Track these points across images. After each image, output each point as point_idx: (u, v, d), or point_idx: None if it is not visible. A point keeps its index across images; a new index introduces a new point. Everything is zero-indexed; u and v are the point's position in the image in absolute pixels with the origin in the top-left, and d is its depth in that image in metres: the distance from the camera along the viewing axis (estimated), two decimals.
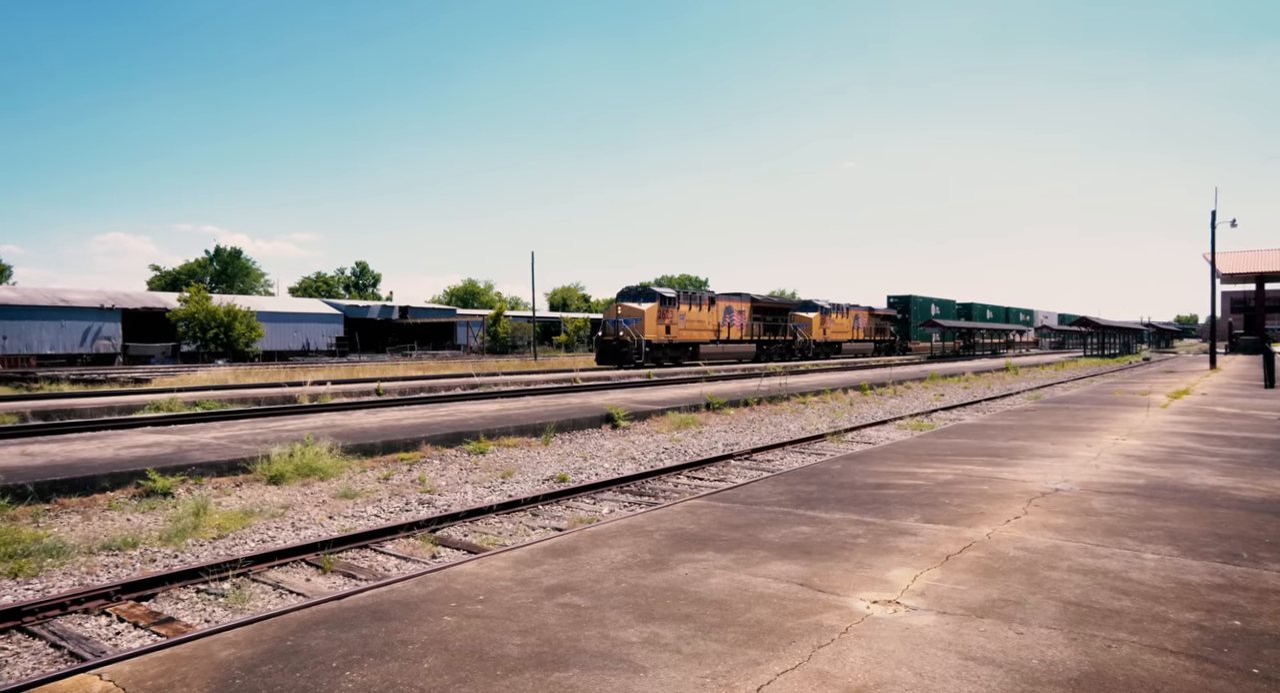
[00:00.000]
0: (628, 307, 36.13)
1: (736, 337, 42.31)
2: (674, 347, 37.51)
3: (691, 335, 38.57)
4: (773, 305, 45.97)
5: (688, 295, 38.62)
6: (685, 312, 38.16)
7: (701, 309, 39.47)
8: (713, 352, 39.97)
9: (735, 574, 4.35)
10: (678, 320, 37.48)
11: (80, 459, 9.24)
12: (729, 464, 11.00)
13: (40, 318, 43.72)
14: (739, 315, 42.69)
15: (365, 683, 3.00)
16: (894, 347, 59.29)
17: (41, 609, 5.00)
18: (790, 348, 46.92)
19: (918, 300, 63.57)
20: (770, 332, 45.12)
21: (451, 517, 7.51)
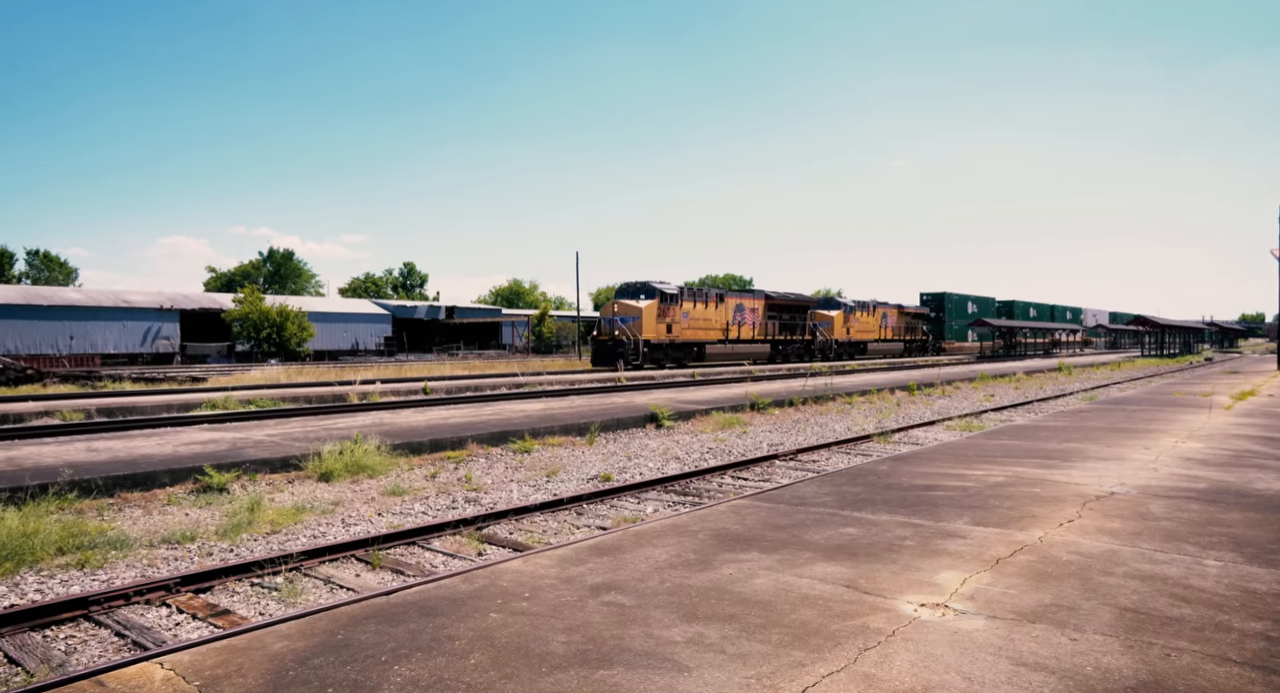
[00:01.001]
0: (624, 304, 33.56)
1: (748, 336, 39.52)
2: (676, 347, 34.96)
3: (696, 335, 35.84)
4: (790, 303, 43.19)
5: (693, 292, 35.97)
6: (689, 309, 35.41)
7: (708, 307, 36.68)
8: (720, 352, 37.26)
9: (780, 575, 4.32)
10: (680, 319, 34.73)
11: (141, 455, 9.55)
12: (774, 464, 10.92)
13: (104, 318, 45.31)
14: (751, 313, 39.95)
15: (413, 678, 3.04)
16: (926, 347, 56.26)
17: (107, 599, 5.18)
18: (809, 348, 44.17)
19: (953, 298, 60.55)
20: (787, 331, 42.48)
21: (497, 515, 7.59)
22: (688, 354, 35.69)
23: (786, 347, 42.48)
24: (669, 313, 34.22)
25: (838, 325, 46.05)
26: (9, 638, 4.68)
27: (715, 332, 37.01)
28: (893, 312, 52.52)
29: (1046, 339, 67.78)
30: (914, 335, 54.83)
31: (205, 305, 51.58)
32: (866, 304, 49.50)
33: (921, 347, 55.78)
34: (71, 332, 43.77)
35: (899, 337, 52.91)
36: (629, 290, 34.66)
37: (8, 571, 5.92)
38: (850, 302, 48.15)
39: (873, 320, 49.75)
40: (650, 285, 34.05)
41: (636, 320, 32.77)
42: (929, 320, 57.77)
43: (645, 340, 32.68)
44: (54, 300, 44.81)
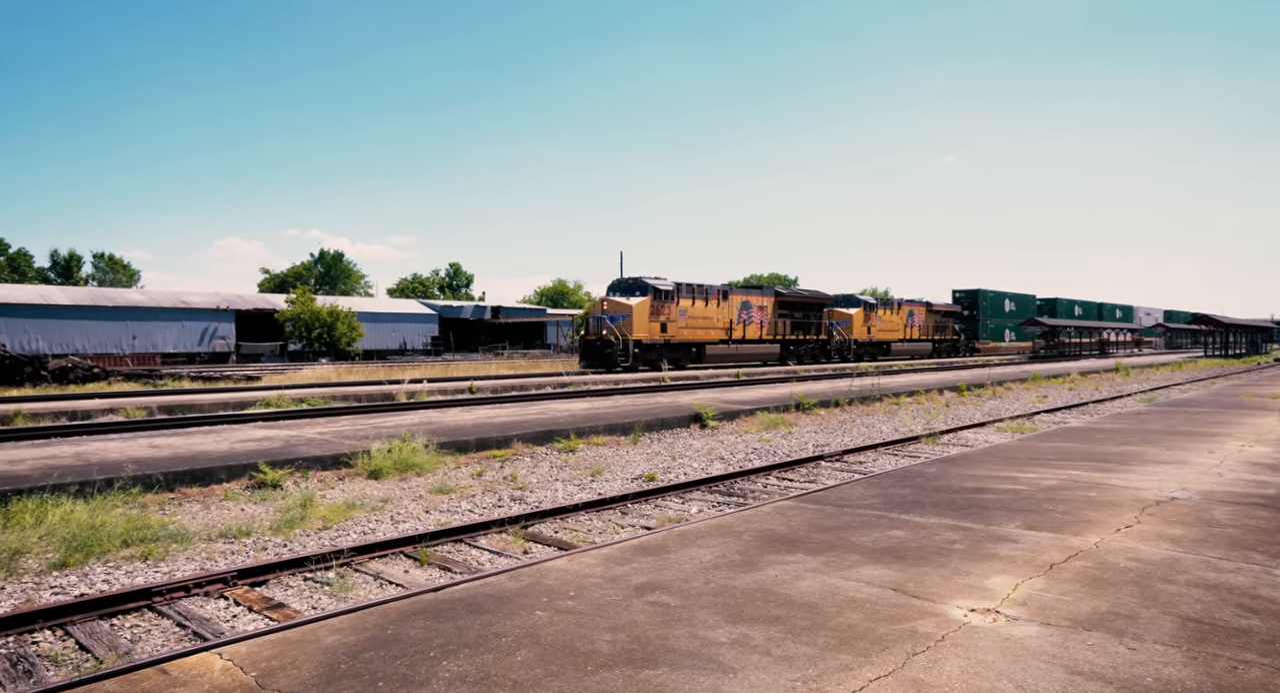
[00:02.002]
0: (613, 301, 31.23)
1: (754, 336, 36.77)
2: (672, 347, 32.48)
3: (695, 334, 33.34)
4: (802, 300, 40.56)
5: (691, 289, 33.45)
6: (687, 307, 32.92)
7: (709, 304, 34.11)
8: (722, 353, 34.65)
9: (826, 577, 4.28)
10: (676, 317, 32.30)
11: (199, 452, 9.84)
12: (819, 465, 10.82)
13: (164, 319, 46.82)
14: (759, 312, 37.12)
15: (461, 673, 3.09)
16: (958, 347, 52.89)
17: (168, 591, 5.35)
18: (824, 349, 41.39)
19: (988, 295, 57.06)
20: (799, 330, 39.60)
21: (542, 514, 7.66)
22: (685, 355, 33.43)
23: (799, 347, 39.87)
24: (663, 311, 31.88)
25: (857, 324, 43.30)
26: (80, 626, 4.87)
27: (717, 331, 34.61)
28: (920, 309, 49.59)
29: (1094, 339, 64.95)
30: (944, 335, 51.88)
31: (259, 306, 52.95)
32: (890, 301, 47.04)
33: (953, 347, 52.66)
34: (134, 332, 45.32)
35: (927, 336, 50.05)
36: (620, 287, 32.31)
37: (77, 561, 6.15)
38: (871, 299, 45.46)
39: (897, 319, 46.92)
40: (643, 281, 31.70)
41: (626, 319, 30.57)
42: (962, 319, 54.97)
43: (636, 340, 30.51)
44: (118, 302, 46.45)
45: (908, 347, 47.81)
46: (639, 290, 31.50)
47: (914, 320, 48.49)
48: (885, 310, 45.93)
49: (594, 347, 30.91)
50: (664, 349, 32.02)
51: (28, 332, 41.35)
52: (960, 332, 53.94)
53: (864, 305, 43.95)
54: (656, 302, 31.44)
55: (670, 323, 32.10)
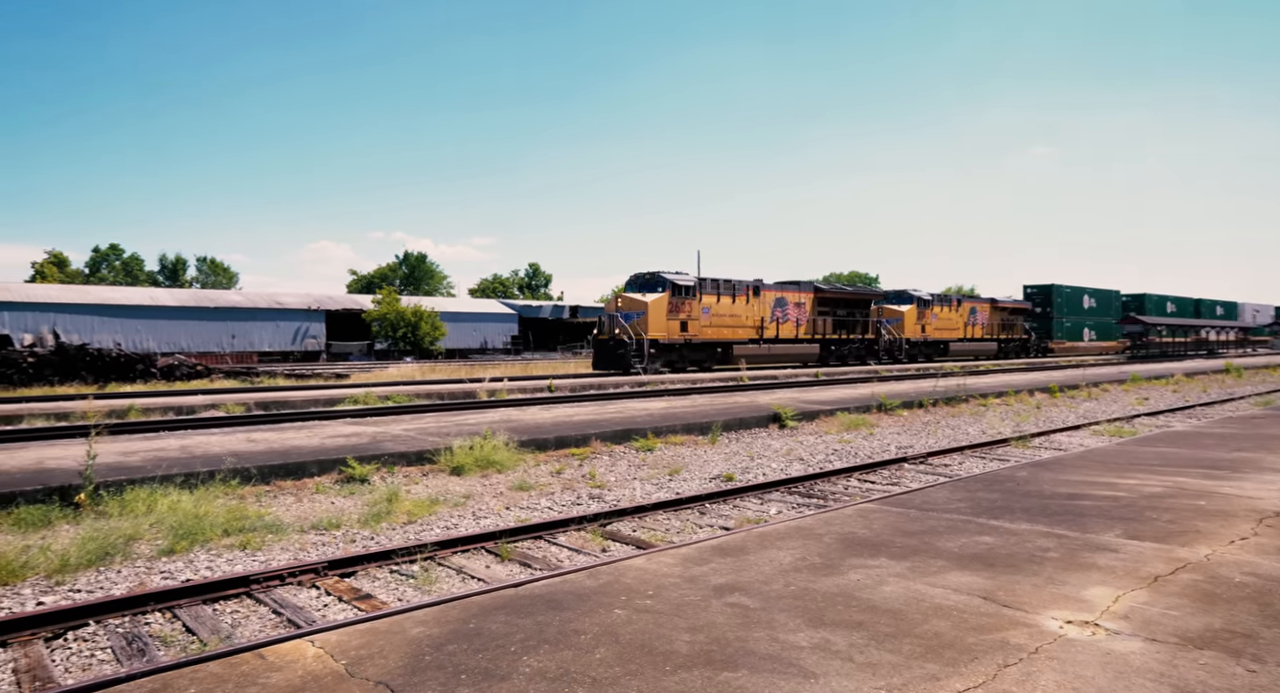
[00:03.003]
0: (628, 298, 28.89)
1: (789, 335, 33.95)
2: (693, 348, 30.11)
3: (720, 333, 30.79)
4: (846, 297, 37.69)
5: (716, 284, 30.87)
6: (711, 304, 30.41)
7: (736, 301, 31.52)
8: (752, 354, 31.63)
9: (910, 583, 4.16)
10: (699, 315, 29.82)
11: (292, 446, 10.25)
12: (902, 468, 10.55)
13: (260, 319, 49.06)
14: (795, 309, 34.30)
15: (541, 669, 3.12)
16: (1027, 347, 49.05)
17: (265, 579, 5.60)
18: (871, 349, 38.26)
19: (1063, 291, 52.41)
20: (843, 329, 36.76)
21: (620, 512, 7.69)
22: (709, 356, 30.90)
23: (842, 347, 36.86)
24: (683, 308, 29.40)
25: (909, 322, 39.78)
26: (186, 609, 5.14)
27: (746, 330, 31.88)
28: (984, 306, 46.06)
29: (1190, 338, 60.02)
30: (1011, 334, 48.07)
31: (347, 306, 54.93)
32: (949, 298, 43.28)
33: (1022, 347, 48.84)
34: (233, 331, 47.65)
35: (992, 335, 46.31)
36: (637, 282, 29.97)
37: (183, 548, 6.49)
38: (927, 294, 41.72)
39: (956, 316, 43.29)
40: (661, 276, 29.42)
41: (641, 317, 28.21)
42: (1033, 317, 50.87)
43: (652, 340, 28.23)
44: (218, 302, 48.92)
45: (969, 347, 44.38)
46: (656, 286, 29.23)
47: (976, 318, 45.19)
48: (943, 307, 42.51)
49: (607, 347, 28.73)
50: (684, 350, 29.84)
51: (139, 331, 43.94)
52: (1031, 331, 50.09)
53: (917, 302, 40.73)
54: (675, 298, 29.15)
55: (691, 321, 29.70)
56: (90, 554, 6.11)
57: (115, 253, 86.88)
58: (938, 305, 41.96)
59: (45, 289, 47.07)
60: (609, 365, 28.42)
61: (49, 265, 75.33)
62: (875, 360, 37.90)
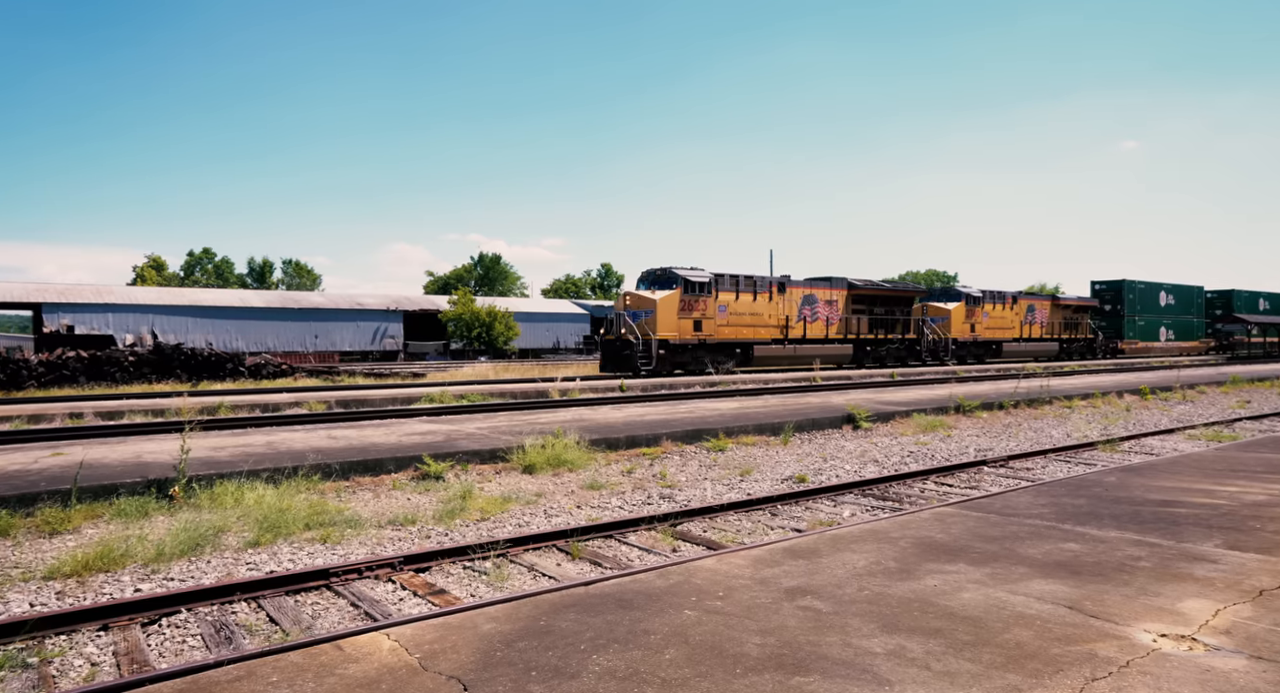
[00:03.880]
0: (636, 296, 27.05)
1: (818, 335, 31.68)
2: (709, 348, 28.09)
3: (739, 333, 28.75)
4: (884, 293, 34.68)
5: (736, 280, 28.75)
6: (729, 302, 28.33)
7: (758, 299, 29.34)
8: (776, 355, 29.82)
9: (990, 590, 4.01)
10: (714, 313, 27.87)
11: (371, 443, 10.55)
12: (982, 471, 10.22)
13: (341, 319, 50.75)
14: (826, 307, 32.04)
15: (611, 668, 3.12)
16: (1093, 348, 45.51)
17: (343, 572, 5.77)
18: (913, 350, 35.58)
19: (1135, 287, 48.99)
20: (880, 328, 34.20)
21: (691, 512, 7.66)
22: (727, 357, 28.75)
23: (879, 348, 34.30)
24: (697, 306, 27.40)
25: (956, 321, 36.99)
26: (270, 600, 5.34)
27: (769, 329, 29.76)
28: (1044, 304, 42.68)
29: None
30: (1075, 333, 44.58)
31: (424, 307, 56.32)
32: (1003, 294, 40.05)
33: (1087, 347, 45.29)
34: (316, 331, 49.41)
35: (1052, 335, 42.97)
36: (648, 279, 28.14)
37: (267, 541, 6.75)
38: (976, 291, 38.81)
39: (1010, 314, 40.19)
40: (672, 272, 27.41)
41: (650, 316, 26.34)
42: (1101, 314, 47.64)
43: (662, 340, 26.31)
44: (302, 304, 50.79)
45: (1026, 347, 41.07)
46: (667, 283, 27.35)
47: (1034, 316, 41.93)
48: (995, 304, 39.44)
49: (613, 348, 26.96)
50: (698, 350, 27.79)
51: (229, 332, 45.98)
52: (1099, 329, 46.69)
53: (965, 298, 37.86)
54: (688, 295, 27.17)
55: (706, 320, 27.66)
56: (183, 545, 6.41)
57: (208, 256, 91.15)
58: (989, 303, 39.09)
59: (144, 292, 49.68)
60: (616, 368, 26.86)
61: (148, 269, 79.52)
62: (918, 361, 35.64)
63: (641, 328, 26.21)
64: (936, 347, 36.25)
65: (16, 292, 41.00)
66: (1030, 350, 41.28)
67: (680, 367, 27.47)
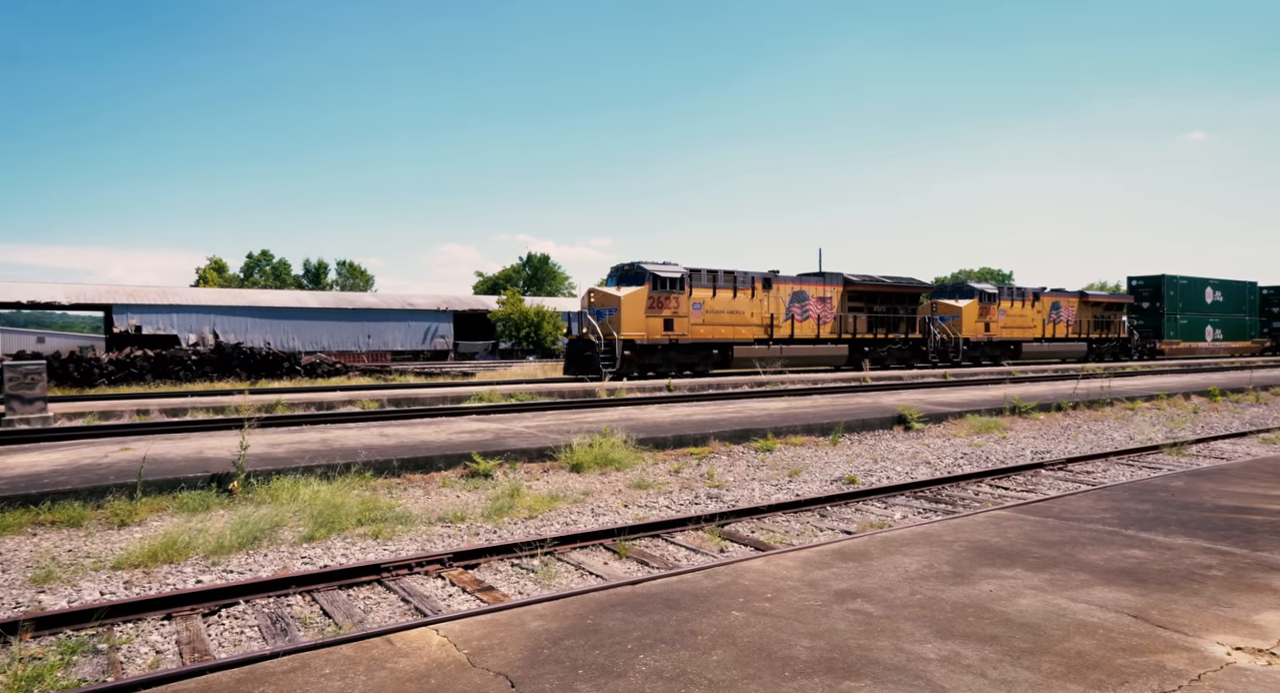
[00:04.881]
0: (601, 293, 25.33)
1: (808, 335, 29.37)
2: (681, 349, 26.13)
3: (717, 333, 26.71)
4: (885, 289, 31.81)
5: (713, 276, 26.69)
6: (704, 299, 26.29)
7: (739, 296, 27.24)
8: (759, 356, 27.53)
9: (1049, 596, 3.89)
10: (688, 312, 25.89)
11: (421, 441, 10.70)
12: (1039, 474, 9.94)
13: (393, 319, 51.68)
14: (818, 304, 29.77)
15: (657, 668, 3.10)
16: (1127, 348, 42.30)
17: (394, 568, 5.85)
18: (918, 351, 32.99)
19: (1177, 283, 45.43)
20: (881, 327, 31.69)
21: (739, 513, 7.59)
22: (701, 358, 26.80)
23: (879, 348, 31.74)
24: (668, 303, 25.38)
25: (968, 320, 34.33)
26: (323, 593, 5.44)
27: (751, 329, 27.69)
28: (1070, 301, 39.45)
29: None
30: (1106, 332, 41.24)
31: (474, 307, 57.03)
32: (1022, 291, 37.19)
33: (1120, 348, 42.06)
34: (369, 331, 50.41)
35: (1080, 334, 39.74)
36: (616, 274, 26.34)
37: (322, 536, 6.89)
38: (992, 287, 36.17)
39: (1031, 312, 37.24)
40: (640, 267, 25.41)
41: (614, 314, 24.44)
42: (1139, 312, 44.63)
43: (627, 340, 24.39)
44: (355, 304, 51.86)
45: (1048, 348, 38.01)
46: (636, 278, 25.32)
47: (1059, 314, 38.77)
48: (1014, 302, 36.54)
49: (576, 348, 25.24)
50: (669, 351, 25.81)
51: (286, 331, 47.17)
52: (1135, 328, 43.54)
53: (979, 295, 35.06)
54: (658, 292, 25.10)
55: (678, 319, 25.59)
56: (241, 538, 6.57)
57: (266, 258, 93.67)
58: (1006, 300, 36.29)
59: (207, 293, 51.28)
60: (579, 370, 24.94)
61: (210, 271, 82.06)
62: (924, 363, 33.06)
63: (605, 327, 24.33)
64: (945, 347, 33.76)
65: (89, 293, 42.65)
66: (1054, 351, 38.42)
67: (649, 369, 25.68)
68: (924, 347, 33.08)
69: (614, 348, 24.00)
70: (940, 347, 33.54)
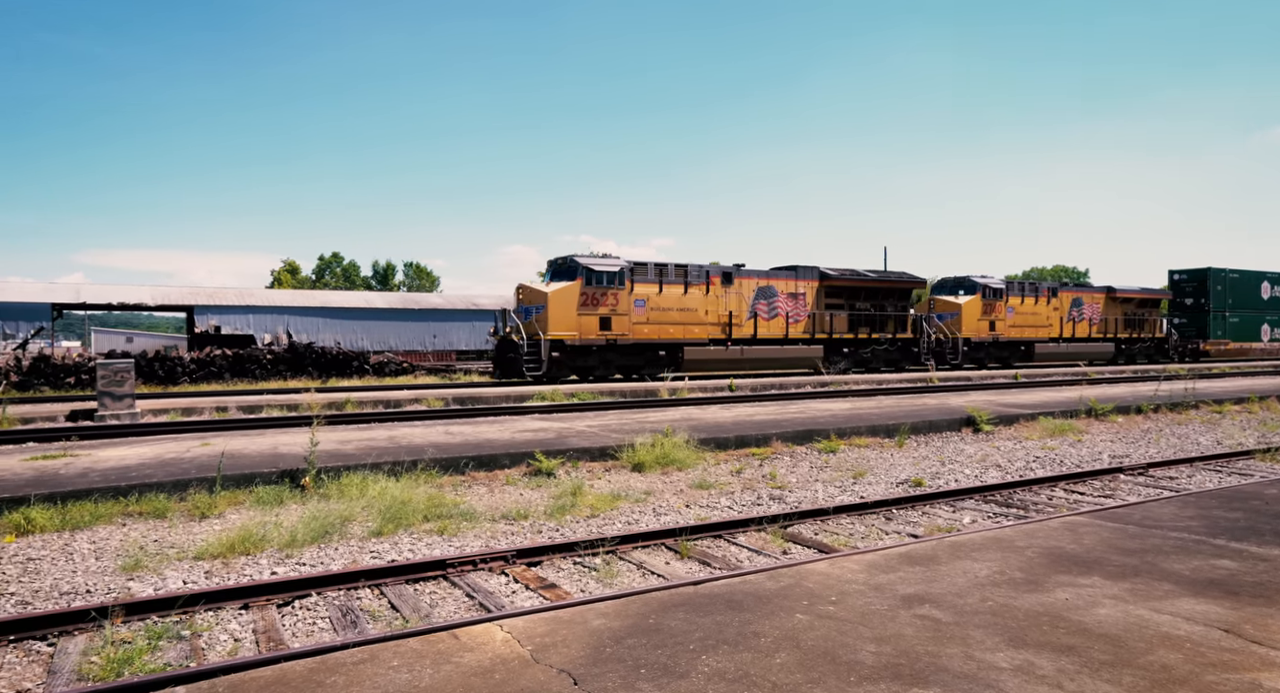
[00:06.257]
0: (529, 289, 23.34)
1: (776, 334, 26.66)
2: (620, 350, 23.56)
3: (662, 332, 24.12)
4: (869, 285, 28.75)
5: (661, 270, 24.31)
6: (648, 295, 23.81)
7: (690, 292, 24.70)
8: (715, 358, 25.10)
9: (1130, 607, 3.73)
10: (629, 309, 23.34)
11: (485, 439, 10.86)
12: (1117, 479, 9.56)
13: (458, 319, 52.61)
14: (789, 301, 26.96)
15: (720, 669, 3.07)
16: (1164, 348, 38.27)
17: (459, 564, 5.95)
18: (908, 352, 29.88)
19: (1226, 277, 40.78)
20: (864, 326, 28.76)
21: (801, 514, 7.50)
22: (647, 361, 24.16)
23: (862, 349, 28.75)
24: (604, 300, 22.94)
25: (969, 317, 31.19)
26: (391, 587, 5.57)
27: (705, 328, 25.09)
28: (1095, 297, 35.77)
29: None
30: (1138, 332, 37.27)
31: None
32: (1036, 285, 33.70)
33: (1156, 349, 38.01)
34: (434, 331, 51.43)
35: (1106, 333, 35.83)
36: (550, 269, 24.17)
37: (389, 531, 7.05)
38: (998, 282, 32.39)
39: (1046, 310, 33.70)
40: (573, 260, 23.28)
41: (540, 312, 22.32)
42: (1181, 309, 40.84)
43: (555, 340, 22.20)
44: (422, 304, 52.99)
45: (1067, 349, 34.27)
46: (568, 273, 23.21)
47: (1081, 312, 35.06)
48: (1024, 298, 33.04)
49: (501, 349, 23.12)
50: (607, 352, 23.38)
51: (355, 331, 48.47)
52: (1176, 327, 39.67)
53: (982, 291, 31.75)
54: (592, 287, 22.81)
55: (616, 317, 23.21)
56: (313, 532, 6.77)
57: (336, 260, 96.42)
58: (1015, 295, 32.77)
59: (280, 294, 53.04)
60: (505, 372, 22.78)
61: (284, 273, 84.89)
62: (917, 366, 29.72)
63: (530, 326, 22.36)
64: (943, 348, 30.73)
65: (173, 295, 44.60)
66: (1074, 352, 34.56)
67: (583, 372, 23.46)
68: (915, 348, 30.09)
69: (539, 349, 21.94)
70: (936, 347, 30.60)
